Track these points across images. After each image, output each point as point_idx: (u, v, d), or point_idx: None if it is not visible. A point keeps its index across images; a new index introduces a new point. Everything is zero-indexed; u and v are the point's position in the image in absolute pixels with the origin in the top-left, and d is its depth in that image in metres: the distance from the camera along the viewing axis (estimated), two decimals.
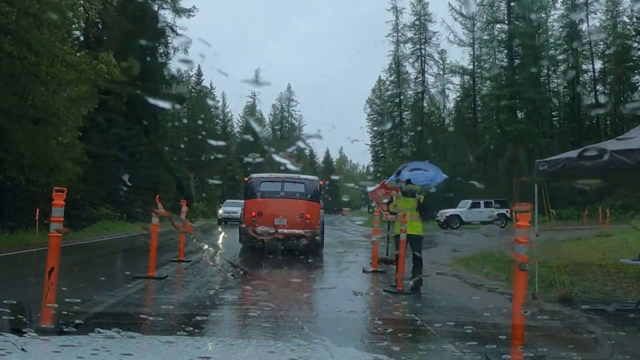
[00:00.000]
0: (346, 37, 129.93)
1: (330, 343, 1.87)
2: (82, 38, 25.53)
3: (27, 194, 15.95)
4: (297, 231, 12.40)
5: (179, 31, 37.36)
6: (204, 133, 44.74)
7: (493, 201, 30.24)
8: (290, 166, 2.41)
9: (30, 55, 14.63)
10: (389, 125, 58.79)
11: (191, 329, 4.47)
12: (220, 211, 31.85)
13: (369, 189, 11.15)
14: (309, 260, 11.79)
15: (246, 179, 14.20)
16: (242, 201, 14.90)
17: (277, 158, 2.36)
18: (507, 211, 29.26)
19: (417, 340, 4.87)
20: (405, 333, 5.06)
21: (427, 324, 5.32)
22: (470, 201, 30.26)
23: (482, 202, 30.17)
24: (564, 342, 4.90)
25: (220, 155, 38.82)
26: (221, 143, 42.85)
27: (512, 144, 39.54)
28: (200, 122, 48.32)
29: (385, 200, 9.16)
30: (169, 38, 36.00)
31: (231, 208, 29.84)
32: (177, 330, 4.29)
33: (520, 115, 41.20)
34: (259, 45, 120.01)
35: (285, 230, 12.26)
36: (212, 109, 59.00)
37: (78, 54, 17.47)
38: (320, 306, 6.15)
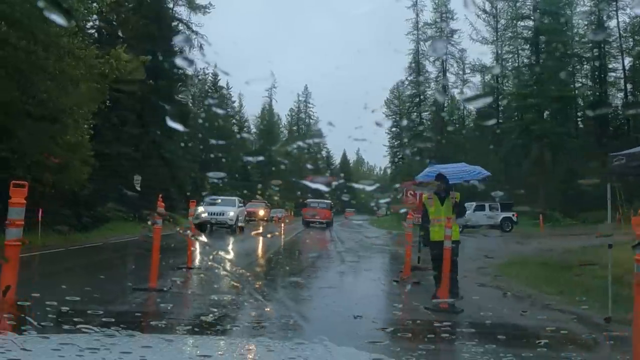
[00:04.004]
0: (365, 36, 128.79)
1: (329, 342, 1.82)
2: (96, 35, 25.00)
3: (32, 193, 15.26)
4: (323, 221, 31.11)
5: (194, 28, 36.72)
6: (218, 133, 44.14)
7: (499, 204, 29.19)
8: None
9: (37, 48, 13.93)
10: (407, 126, 57.67)
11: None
12: (200, 209, 19.78)
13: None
14: (334, 266, 11.57)
15: (305, 201, 32.86)
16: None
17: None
18: (513, 215, 28.92)
19: None
20: None
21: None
22: (474, 203, 29.00)
23: (487, 205, 29.10)
24: None
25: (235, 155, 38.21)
26: (234, 143, 42.23)
27: (536, 143, 38.12)
28: (216, 123, 47.75)
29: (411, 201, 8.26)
30: (185, 36, 35.42)
31: (218, 208, 21.81)
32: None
33: (545, 114, 39.75)
34: (275, 46, 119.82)
35: (319, 220, 31.33)
36: (228, 109, 58.55)
37: (87, 49, 16.76)
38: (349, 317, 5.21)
